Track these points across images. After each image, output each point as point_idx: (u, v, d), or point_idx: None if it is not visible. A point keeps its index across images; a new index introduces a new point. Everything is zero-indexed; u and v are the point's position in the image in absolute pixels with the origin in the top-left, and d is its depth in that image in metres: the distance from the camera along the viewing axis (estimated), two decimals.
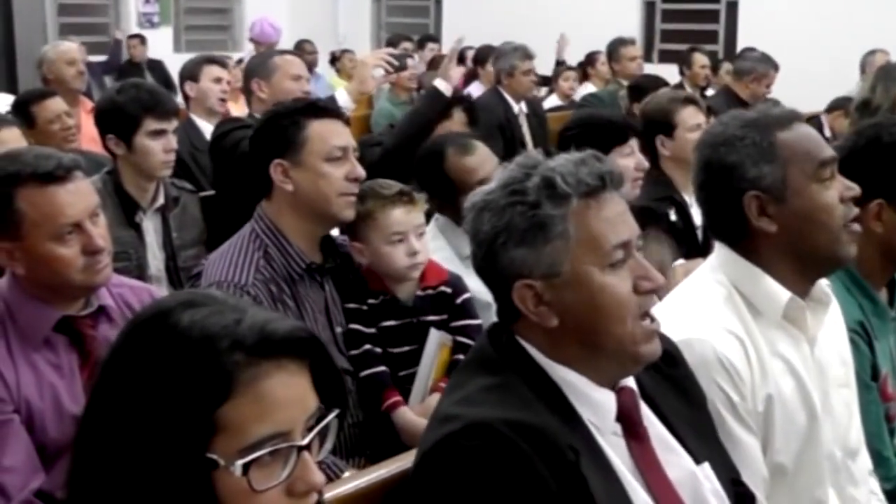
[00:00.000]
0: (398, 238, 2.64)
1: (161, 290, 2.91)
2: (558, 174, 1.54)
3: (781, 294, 1.91)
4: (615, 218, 1.57)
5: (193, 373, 1.13)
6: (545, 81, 8.42)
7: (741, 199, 1.89)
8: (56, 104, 4.45)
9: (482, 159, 3.14)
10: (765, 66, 6.58)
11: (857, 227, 1.94)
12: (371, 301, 2.68)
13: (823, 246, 1.91)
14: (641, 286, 1.57)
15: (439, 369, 2.68)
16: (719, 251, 1.99)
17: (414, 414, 2.61)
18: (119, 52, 10.43)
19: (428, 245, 2.77)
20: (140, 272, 3.26)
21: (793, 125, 1.92)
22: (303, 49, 8.82)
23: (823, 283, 2.00)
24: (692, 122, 3.81)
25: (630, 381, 1.63)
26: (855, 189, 1.93)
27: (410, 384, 2.69)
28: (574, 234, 1.54)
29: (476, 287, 2.58)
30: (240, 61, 7.15)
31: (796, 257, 1.92)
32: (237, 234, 2.67)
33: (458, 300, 2.76)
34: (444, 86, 4.10)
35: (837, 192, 1.91)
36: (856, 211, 1.94)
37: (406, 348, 2.69)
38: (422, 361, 2.67)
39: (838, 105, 6.11)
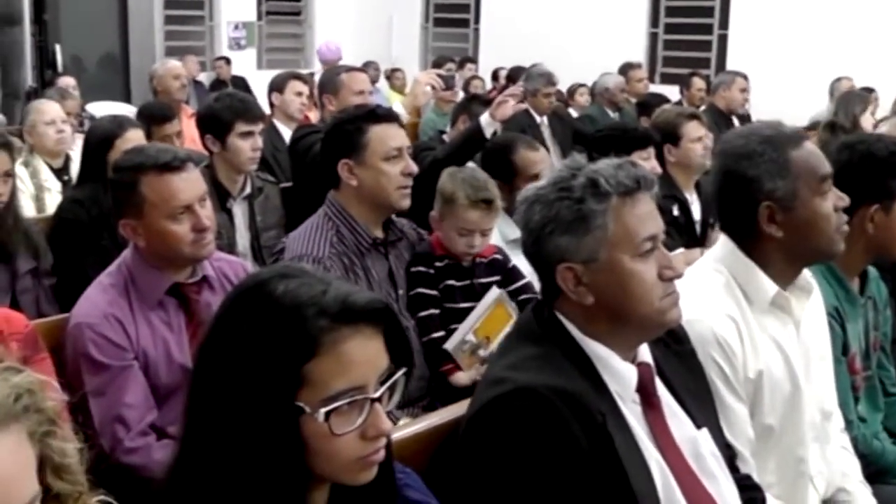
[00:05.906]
0: (466, 231, 2.62)
1: (248, 264, 2.91)
2: (601, 175, 1.53)
3: (769, 288, 1.88)
4: (646, 215, 1.55)
5: (285, 334, 1.12)
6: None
7: (756, 209, 1.86)
8: (171, 127, 4.38)
9: (543, 156, 3.30)
10: (730, 76, 6.60)
11: (846, 228, 1.92)
12: (437, 264, 2.65)
13: (821, 248, 1.90)
14: (665, 274, 1.55)
15: (490, 323, 2.58)
16: (724, 244, 1.96)
17: (466, 376, 2.57)
18: None
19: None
20: (230, 249, 3.26)
21: (802, 143, 1.89)
22: (369, 68, 8.79)
23: (807, 275, 1.98)
24: (695, 134, 3.82)
25: (648, 357, 1.61)
26: (846, 199, 1.91)
27: None
28: (611, 227, 1.52)
29: (519, 265, 2.56)
30: (311, 74, 7.16)
31: (793, 256, 1.89)
32: (313, 216, 2.65)
33: (509, 265, 2.73)
34: (487, 123, 3.54)
35: (832, 202, 1.88)
36: (845, 217, 1.91)
37: (464, 305, 2.65)
38: (474, 310, 2.60)
39: (812, 126, 6.05)
